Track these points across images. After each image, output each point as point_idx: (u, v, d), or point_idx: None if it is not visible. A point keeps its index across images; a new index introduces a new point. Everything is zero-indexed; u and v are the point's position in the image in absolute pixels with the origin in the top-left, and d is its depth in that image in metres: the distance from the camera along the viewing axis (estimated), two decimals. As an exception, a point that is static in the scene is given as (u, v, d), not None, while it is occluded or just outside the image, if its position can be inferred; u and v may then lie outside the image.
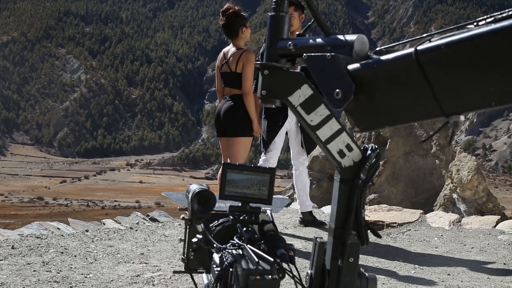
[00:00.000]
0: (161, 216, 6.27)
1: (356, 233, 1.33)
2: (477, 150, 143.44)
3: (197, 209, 1.47)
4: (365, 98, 1.17)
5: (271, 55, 1.40)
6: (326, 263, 1.34)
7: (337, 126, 1.33)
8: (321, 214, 6.67)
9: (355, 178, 1.31)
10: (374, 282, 1.36)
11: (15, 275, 3.55)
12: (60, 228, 5.29)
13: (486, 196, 7.30)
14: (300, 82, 1.34)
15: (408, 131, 8.96)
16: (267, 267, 1.20)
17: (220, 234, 1.47)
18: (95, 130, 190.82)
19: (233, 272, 1.23)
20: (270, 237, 1.38)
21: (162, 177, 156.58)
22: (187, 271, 1.59)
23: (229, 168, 1.47)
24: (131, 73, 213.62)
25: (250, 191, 1.47)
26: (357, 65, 1.19)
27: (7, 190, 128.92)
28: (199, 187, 1.51)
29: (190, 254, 1.57)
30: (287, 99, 1.34)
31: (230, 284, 1.24)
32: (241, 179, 1.46)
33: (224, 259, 1.30)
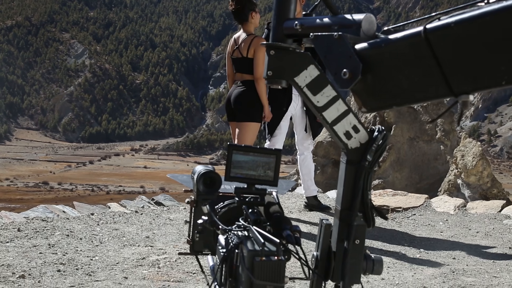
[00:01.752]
0: (166, 200, 6.29)
1: (362, 215, 1.32)
2: (482, 136, 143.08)
3: (203, 190, 1.46)
4: (372, 78, 1.16)
5: (277, 35, 1.39)
6: (332, 245, 1.34)
7: (344, 107, 1.31)
8: (325, 199, 6.68)
9: (362, 159, 1.30)
10: (380, 264, 1.36)
11: (21, 257, 3.57)
12: (65, 212, 5.31)
13: (491, 181, 7.29)
14: (307, 62, 1.33)
15: (413, 117, 8.93)
16: (273, 248, 1.19)
17: (225, 215, 1.46)
18: (99, 115, 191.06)
19: (239, 253, 1.23)
20: (276, 218, 1.37)
21: (166, 162, 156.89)
22: (193, 253, 1.58)
23: (235, 149, 1.46)
24: (135, 58, 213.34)
25: (256, 172, 1.46)
26: (365, 45, 1.17)
27: (13, 175, 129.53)
28: (204, 168, 1.50)
29: (196, 236, 1.55)
30: (293, 80, 1.33)
31: (236, 265, 1.24)
32: (246, 161, 1.45)
33: (230, 240, 1.29)
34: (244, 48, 5.28)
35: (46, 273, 3.25)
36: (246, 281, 1.17)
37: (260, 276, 1.15)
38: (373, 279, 3.42)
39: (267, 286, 1.16)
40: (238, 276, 1.22)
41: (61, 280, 3.13)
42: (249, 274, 1.16)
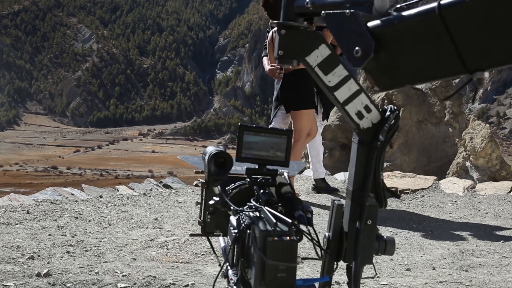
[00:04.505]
0: (174, 182, 6.30)
1: (374, 195, 1.31)
2: (490, 118, 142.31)
3: (214, 170, 1.45)
4: (385, 56, 1.14)
5: (288, 14, 1.36)
6: (344, 225, 1.34)
7: (356, 87, 1.29)
8: (333, 181, 6.67)
9: (374, 139, 1.29)
10: (393, 245, 1.36)
11: (31, 239, 3.59)
12: (74, 194, 5.33)
13: (500, 164, 7.25)
14: (318, 42, 1.31)
15: (421, 99, 8.88)
16: (285, 228, 1.18)
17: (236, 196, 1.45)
18: (107, 100, 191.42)
19: (251, 234, 1.22)
20: (288, 199, 1.35)
21: (174, 146, 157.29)
22: (204, 234, 1.57)
23: (246, 130, 1.44)
24: (142, 43, 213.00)
25: (267, 153, 1.45)
26: (378, 22, 1.15)
27: (22, 160, 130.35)
28: (215, 149, 1.49)
29: (207, 217, 1.54)
30: (305, 59, 1.31)
31: (248, 245, 1.23)
32: (258, 141, 1.44)
33: (241, 221, 1.28)
34: None
35: (55, 255, 3.27)
36: (258, 261, 1.17)
37: (272, 256, 1.15)
38: (382, 259, 3.42)
39: (279, 266, 1.15)
40: (250, 257, 1.22)
41: (70, 261, 3.14)
42: (261, 254, 1.15)
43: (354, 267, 1.31)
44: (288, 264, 1.15)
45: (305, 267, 3.21)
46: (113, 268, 3.04)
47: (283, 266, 1.15)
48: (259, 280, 1.16)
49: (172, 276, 2.91)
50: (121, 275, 2.91)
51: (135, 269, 3.04)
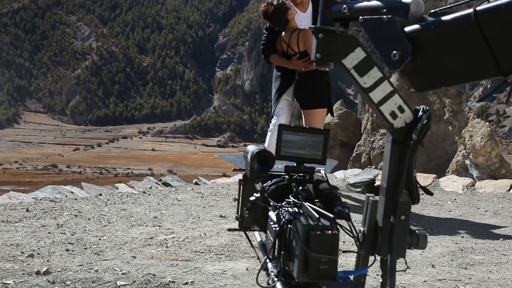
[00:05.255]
0: (174, 181, 6.30)
1: (407, 192, 1.37)
2: (490, 116, 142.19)
3: (257, 168, 1.51)
4: (422, 59, 1.21)
5: (325, 19, 1.43)
6: (378, 220, 1.39)
7: (390, 88, 1.36)
8: (333, 179, 6.67)
9: (407, 139, 1.35)
10: (424, 239, 1.41)
11: (30, 237, 3.59)
12: (73, 192, 5.33)
13: (499, 162, 7.25)
14: (354, 45, 1.38)
15: (420, 97, 8.87)
16: (327, 223, 1.25)
17: (274, 193, 1.51)
18: (107, 98, 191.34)
19: (292, 228, 1.28)
20: (326, 195, 1.43)
21: (174, 144, 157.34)
22: (241, 229, 1.66)
23: (285, 129, 1.51)
24: (142, 41, 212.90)
25: (305, 151, 1.52)
26: (414, 27, 1.22)
27: (22, 158, 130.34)
28: (257, 147, 1.56)
29: (245, 213, 1.63)
30: (341, 62, 1.38)
31: (289, 239, 1.29)
32: (296, 140, 1.51)
33: (282, 216, 1.34)
34: (294, 44, 5.48)
35: (54, 253, 3.27)
36: (300, 254, 1.23)
37: (315, 249, 1.21)
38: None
39: (322, 259, 1.22)
40: (292, 250, 1.27)
41: (70, 259, 3.14)
42: (304, 248, 1.21)
43: (390, 260, 1.37)
44: (330, 257, 1.23)
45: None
46: (112, 266, 3.04)
47: (325, 258, 1.22)
48: (302, 271, 1.23)
49: (172, 274, 2.92)
50: (121, 273, 2.91)
51: (135, 267, 3.05)
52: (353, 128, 9.40)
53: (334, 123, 8.93)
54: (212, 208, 4.88)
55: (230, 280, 2.87)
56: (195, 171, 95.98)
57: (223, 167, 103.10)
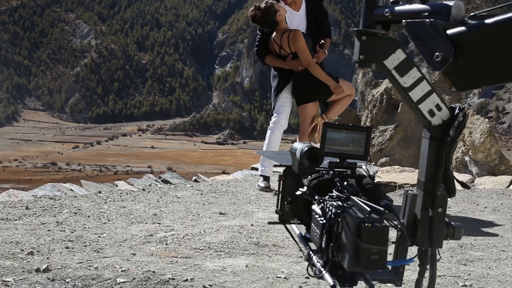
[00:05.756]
0: (173, 178, 6.31)
1: (444, 185, 1.46)
2: (490, 113, 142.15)
3: (308, 164, 1.57)
4: (463, 60, 1.28)
5: (367, 22, 1.51)
6: (417, 213, 1.47)
7: (428, 88, 1.44)
8: (332, 176, 6.68)
9: (444, 135, 1.43)
10: (460, 230, 1.49)
11: (30, 235, 3.59)
12: (73, 190, 5.34)
13: (499, 158, 7.26)
14: (395, 46, 1.46)
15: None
16: (377, 216, 1.31)
17: (318, 187, 1.57)
18: (106, 96, 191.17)
19: (341, 221, 1.34)
20: (370, 189, 1.50)
21: (173, 142, 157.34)
22: (281, 222, 1.72)
23: (329, 127, 1.59)
24: (141, 38, 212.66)
25: (347, 148, 1.60)
26: (457, 29, 1.29)
27: (21, 156, 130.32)
28: (306, 145, 1.62)
29: (286, 207, 1.69)
30: (383, 63, 1.46)
31: (338, 231, 1.36)
32: (339, 137, 1.60)
33: (329, 209, 1.41)
34: (286, 45, 5.49)
35: (54, 250, 3.27)
36: (351, 245, 1.30)
37: (367, 240, 1.28)
38: (381, 254, 3.42)
39: (373, 249, 1.28)
40: (341, 241, 1.35)
41: (70, 257, 3.15)
42: (355, 239, 1.28)
43: (431, 251, 1.48)
44: (381, 247, 1.29)
45: (304, 262, 3.21)
46: (112, 263, 3.04)
47: (376, 249, 1.29)
48: (353, 261, 1.30)
49: (171, 271, 2.92)
50: (120, 270, 2.92)
51: (134, 264, 3.05)
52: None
53: (333, 121, 8.92)
54: (212, 205, 4.88)
55: (230, 277, 2.88)
56: (195, 168, 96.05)
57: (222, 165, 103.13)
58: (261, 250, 3.47)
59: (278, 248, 3.54)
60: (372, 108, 9.11)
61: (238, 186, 6.01)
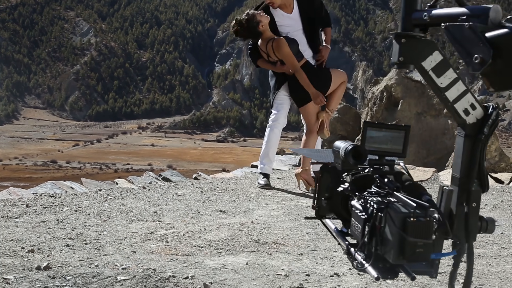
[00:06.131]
0: (174, 176, 6.31)
1: (478, 181, 1.54)
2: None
3: (353, 162, 1.64)
4: (501, 61, 1.33)
5: (406, 25, 1.59)
6: (452, 208, 1.55)
7: (463, 88, 1.51)
8: (332, 174, 6.68)
9: (478, 133, 1.50)
10: (493, 224, 1.59)
11: (30, 232, 3.60)
12: (73, 188, 5.34)
13: (499, 155, 7.26)
14: (432, 48, 1.53)
15: (420, 91, 8.87)
16: (421, 210, 1.38)
17: (359, 183, 1.65)
18: (106, 94, 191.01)
19: (384, 216, 1.41)
20: (410, 185, 1.57)
21: (173, 140, 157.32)
22: (318, 217, 1.79)
23: (369, 126, 1.68)
24: (140, 36, 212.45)
25: (386, 146, 1.68)
26: (495, 32, 1.34)
27: (21, 154, 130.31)
28: (350, 143, 1.69)
29: (323, 202, 1.76)
30: (421, 65, 1.53)
31: (380, 226, 1.42)
32: (379, 136, 1.68)
33: (369, 205, 1.48)
34: (272, 53, 5.53)
35: (55, 248, 3.27)
36: (396, 239, 1.36)
37: (412, 234, 1.34)
38: (381, 251, 3.43)
39: (418, 243, 1.35)
40: (385, 235, 1.41)
41: (70, 255, 3.15)
42: (401, 233, 1.35)
43: (468, 244, 1.60)
44: (425, 241, 1.36)
45: (305, 259, 3.22)
46: (112, 261, 3.05)
47: (421, 242, 1.36)
48: (398, 254, 1.37)
49: (172, 269, 2.92)
50: (121, 267, 2.92)
51: (135, 261, 3.05)
52: (352, 123, 9.40)
53: (333, 117, 8.92)
54: (212, 203, 4.89)
55: (230, 275, 2.88)
56: (195, 166, 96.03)
57: (223, 162, 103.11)
58: (261, 247, 3.48)
59: (279, 245, 3.54)
60: (372, 105, 9.11)
61: (238, 183, 6.01)
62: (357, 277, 2.87)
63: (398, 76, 8.94)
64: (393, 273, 1.48)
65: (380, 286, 2.76)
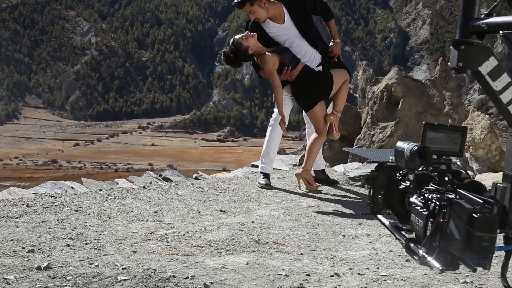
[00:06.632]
0: (174, 175, 6.31)
1: None
2: (490, 109, 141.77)
3: (419, 162, 1.74)
4: None
5: (464, 32, 1.67)
6: (505, 203, 1.64)
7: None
8: (333, 173, 6.68)
9: None
10: None
11: (31, 232, 3.60)
12: (74, 187, 5.34)
13: (499, 155, 7.25)
14: (488, 54, 1.62)
15: (420, 91, 8.87)
16: (486, 206, 1.45)
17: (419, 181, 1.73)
18: (106, 93, 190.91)
19: (448, 211, 1.48)
20: (469, 183, 1.64)
21: (174, 139, 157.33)
22: (373, 213, 1.89)
23: (429, 127, 1.79)
24: (141, 36, 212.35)
25: (444, 146, 1.79)
26: None
27: (22, 153, 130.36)
28: (414, 144, 1.79)
29: (379, 199, 1.86)
30: (478, 69, 1.62)
31: (444, 221, 1.49)
32: (438, 136, 1.78)
33: (430, 201, 1.56)
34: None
35: (55, 248, 3.27)
36: (463, 233, 1.44)
37: (479, 229, 1.42)
38: (382, 251, 3.43)
39: (484, 237, 1.43)
40: (449, 230, 1.49)
41: (70, 255, 3.15)
42: (468, 228, 1.42)
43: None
44: (491, 235, 1.44)
45: (305, 259, 3.22)
46: (113, 261, 3.05)
47: (487, 236, 1.44)
48: (464, 248, 1.45)
49: (172, 269, 2.92)
50: (121, 267, 2.92)
51: (135, 261, 3.05)
52: (352, 122, 9.40)
53: (334, 117, 8.91)
54: (212, 203, 4.89)
55: (231, 275, 2.88)
56: (195, 165, 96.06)
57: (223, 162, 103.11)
58: (261, 247, 3.48)
59: (279, 245, 3.54)
60: (372, 105, 9.10)
61: (239, 183, 6.01)
62: (357, 277, 2.88)
63: (398, 76, 8.93)
64: (455, 266, 1.56)
65: (380, 286, 2.76)
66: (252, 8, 5.52)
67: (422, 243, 1.58)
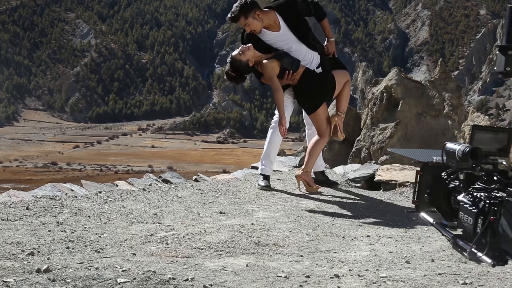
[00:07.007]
0: (174, 177, 6.31)
1: None
2: (490, 110, 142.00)
3: (471, 162, 1.81)
4: None
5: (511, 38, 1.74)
6: None
7: None
8: (333, 175, 6.68)
9: None
10: None
11: (30, 235, 3.60)
12: (73, 190, 5.34)
13: (499, 155, 7.26)
14: None
15: (420, 92, 8.88)
16: None
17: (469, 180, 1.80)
18: (106, 95, 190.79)
19: (499, 210, 1.52)
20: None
21: (174, 141, 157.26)
22: (418, 211, 2.03)
23: (477, 129, 1.86)
24: (141, 38, 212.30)
25: (492, 146, 1.85)
26: None
27: (21, 156, 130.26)
28: (465, 145, 1.85)
29: (425, 198, 1.98)
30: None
31: (496, 218, 1.55)
32: (486, 137, 1.84)
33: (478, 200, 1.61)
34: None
35: (55, 250, 3.27)
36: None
37: None
38: (381, 252, 3.42)
39: None
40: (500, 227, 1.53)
41: (70, 257, 3.15)
42: None
43: None
44: None
45: (305, 261, 3.22)
46: (112, 263, 3.05)
47: None
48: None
49: (172, 271, 2.92)
50: (121, 270, 2.92)
51: (135, 264, 3.05)
52: (352, 123, 9.40)
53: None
54: (212, 205, 4.89)
55: (230, 277, 2.88)
56: (195, 167, 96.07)
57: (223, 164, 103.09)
58: (261, 249, 3.48)
59: (279, 247, 3.54)
60: (372, 106, 9.10)
61: (239, 185, 6.01)
62: (357, 279, 2.87)
63: (398, 77, 8.94)
64: (503, 261, 1.65)
65: (380, 287, 2.76)
66: (247, 21, 5.52)
67: (475, 241, 1.59)
